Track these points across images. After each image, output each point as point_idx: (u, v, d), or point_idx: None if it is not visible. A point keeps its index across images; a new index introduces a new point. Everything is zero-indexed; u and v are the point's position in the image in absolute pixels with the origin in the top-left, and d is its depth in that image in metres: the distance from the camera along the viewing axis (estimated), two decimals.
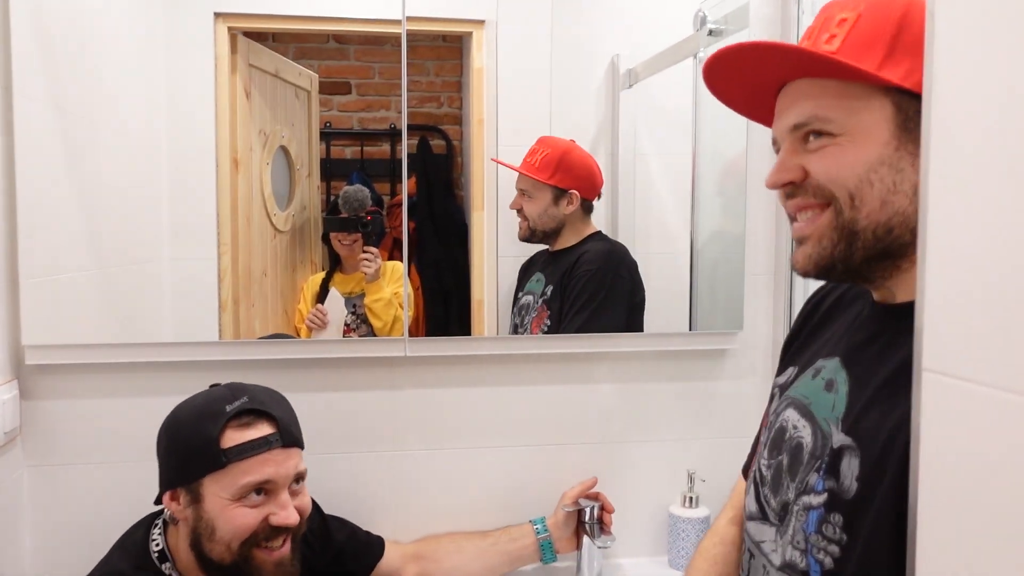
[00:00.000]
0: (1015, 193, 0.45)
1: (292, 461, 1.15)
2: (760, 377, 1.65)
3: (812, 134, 0.80)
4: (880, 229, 0.77)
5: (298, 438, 1.18)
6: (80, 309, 1.43)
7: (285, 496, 1.13)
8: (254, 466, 1.11)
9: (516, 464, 1.57)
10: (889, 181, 0.76)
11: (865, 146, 0.77)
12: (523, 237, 1.62)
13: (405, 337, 1.51)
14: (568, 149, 1.60)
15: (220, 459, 1.10)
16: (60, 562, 1.41)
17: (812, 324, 0.98)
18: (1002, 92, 0.46)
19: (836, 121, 0.78)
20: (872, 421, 0.76)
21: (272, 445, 1.12)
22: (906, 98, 0.76)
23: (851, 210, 0.78)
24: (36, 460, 1.42)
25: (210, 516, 1.11)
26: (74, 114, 1.40)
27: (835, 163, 0.78)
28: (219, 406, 1.13)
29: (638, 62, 1.61)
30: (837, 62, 0.76)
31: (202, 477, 1.11)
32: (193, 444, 1.12)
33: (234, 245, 1.52)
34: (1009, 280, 0.46)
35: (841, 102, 0.78)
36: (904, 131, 0.76)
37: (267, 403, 1.16)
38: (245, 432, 1.12)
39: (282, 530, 1.13)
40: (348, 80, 1.58)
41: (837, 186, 0.78)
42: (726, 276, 1.65)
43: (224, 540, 1.11)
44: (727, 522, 1.08)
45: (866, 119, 0.77)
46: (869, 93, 0.77)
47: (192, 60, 1.48)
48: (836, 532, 0.77)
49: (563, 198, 1.61)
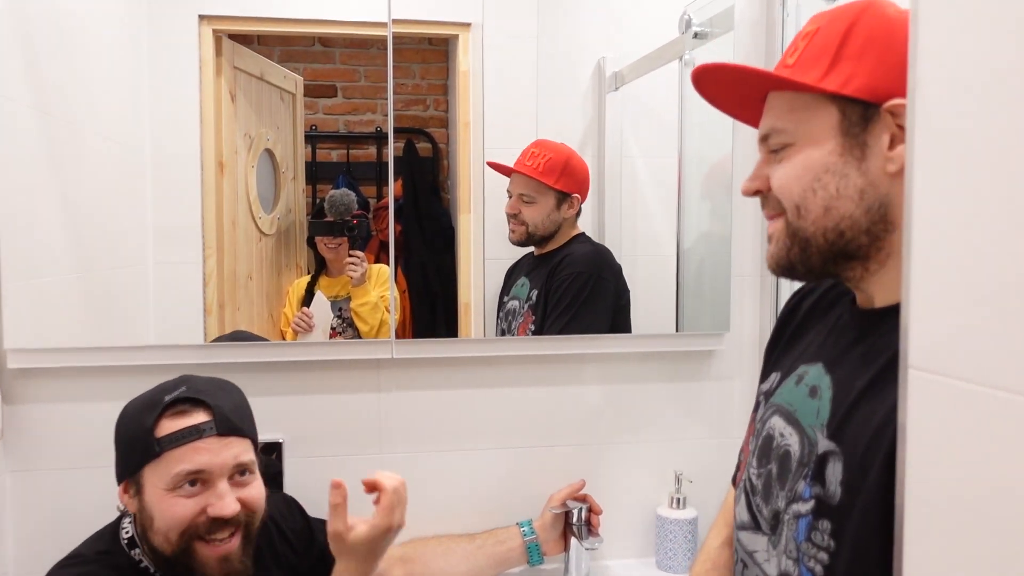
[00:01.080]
0: (999, 190, 0.46)
1: (230, 451, 1.12)
2: (747, 378, 1.66)
3: (775, 144, 0.85)
4: (830, 234, 0.81)
5: (239, 427, 1.15)
6: (63, 313, 1.41)
7: (223, 486, 1.11)
8: (186, 454, 1.09)
9: (503, 466, 1.57)
10: (832, 188, 0.80)
11: (812, 153, 0.81)
12: (517, 241, 1.62)
13: (392, 339, 1.51)
14: (571, 153, 1.60)
15: (154, 448, 1.09)
16: (42, 567, 1.40)
17: (793, 327, 0.98)
18: (986, 90, 0.47)
19: (788, 131, 0.83)
20: (855, 425, 0.77)
21: (205, 433, 1.10)
22: (851, 104, 0.80)
23: (798, 219, 0.83)
24: (18, 465, 1.40)
25: (148, 506, 1.10)
26: (56, 116, 1.39)
27: (786, 174, 0.83)
28: (159, 396, 1.12)
29: (624, 65, 1.61)
30: (782, 79, 0.82)
31: (142, 467, 1.10)
32: (133, 434, 1.12)
33: (219, 248, 1.51)
34: (995, 277, 0.46)
35: (793, 114, 0.83)
36: (848, 136, 0.80)
37: (205, 391, 1.14)
38: (178, 420, 1.10)
39: (224, 522, 1.10)
40: (334, 83, 1.58)
41: (785, 197, 0.84)
42: (712, 277, 1.65)
43: (162, 531, 1.09)
44: (720, 545, 1.08)
45: (814, 127, 0.81)
46: (816, 102, 0.81)
47: (177, 62, 1.47)
48: (825, 539, 0.77)
49: (565, 202, 1.61)
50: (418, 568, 1.44)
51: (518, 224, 1.61)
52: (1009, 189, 0.45)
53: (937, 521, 0.50)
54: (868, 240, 0.80)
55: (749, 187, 0.88)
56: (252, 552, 1.16)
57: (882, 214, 0.79)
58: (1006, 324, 0.45)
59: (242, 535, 1.13)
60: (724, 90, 0.91)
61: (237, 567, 1.13)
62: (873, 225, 0.79)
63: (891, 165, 0.77)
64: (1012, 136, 0.45)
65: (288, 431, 1.47)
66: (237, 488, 1.13)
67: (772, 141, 0.85)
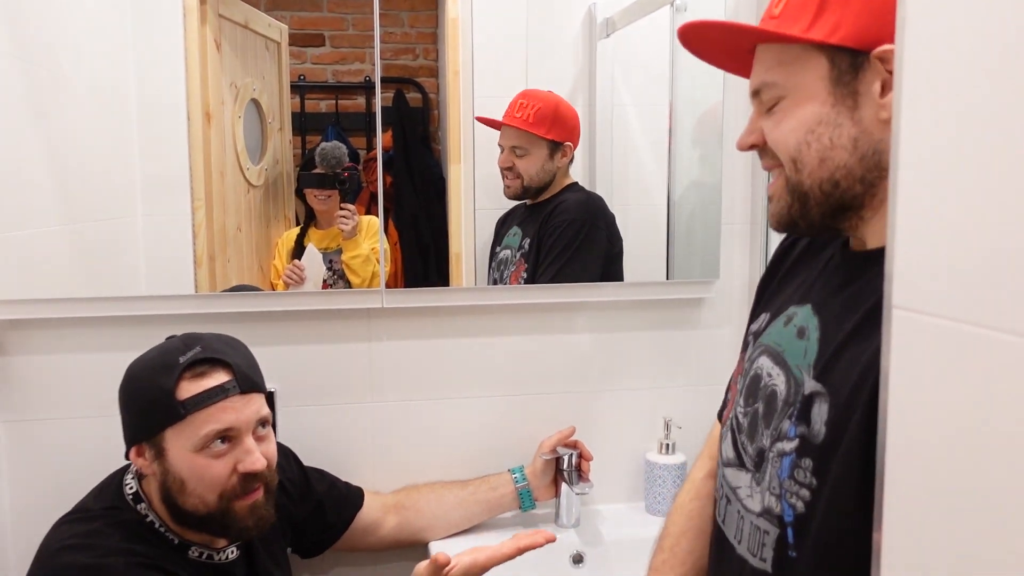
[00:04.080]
0: (982, 127, 0.46)
1: (253, 407, 1.14)
2: (736, 325, 1.67)
3: (768, 99, 0.84)
4: (825, 185, 0.81)
5: (257, 383, 1.17)
6: (52, 264, 1.41)
7: (250, 442, 1.13)
8: (214, 414, 1.10)
9: (494, 414, 1.59)
10: (826, 139, 0.80)
11: (805, 105, 0.80)
12: (513, 195, 1.61)
13: (382, 289, 1.51)
14: (559, 101, 1.58)
15: (178, 411, 1.09)
16: (38, 517, 1.41)
17: (784, 269, 0.98)
18: (974, 28, 0.46)
19: (779, 84, 0.82)
20: (842, 367, 0.78)
21: (229, 392, 1.11)
22: (839, 53, 0.79)
23: (795, 173, 0.82)
24: (10, 415, 1.41)
25: (177, 469, 1.11)
26: (39, 67, 1.37)
27: (779, 127, 0.83)
28: (172, 358, 1.12)
29: (615, 11, 1.59)
30: (768, 32, 0.81)
31: (163, 430, 1.11)
32: (149, 398, 1.12)
33: (208, 200, 1.50)
34: (977, 215, 0.46)
35: (783, 67, 0.82)
36: (839, 85, 0.79)
37: (221, 351, 1.14)
38: (201, 382, 1.11)
39: (254, 477, 1.13)
40: (321, 32, 1.56)
41: (780, 151, 0.83)
42: (703, 226, 1.65)
43: (197, 492, 1.11)
44: (704, 476, 1.08)
45: (805, 79, 0.80)
46: (805, 54, 0.80)
47: (160, 10, 1.45)
48: (807, 476, 0.78)
49: (558, 151, 1.59)
50: (411, 515, 1.47)
51: (513, 178, 1.59)
52: (992, 124, 0.45)
53: (918, 459, 0.51)
54: (863, 188, 0.80)
55: (744, 142, 0.88)
56: (274, 502, 1.18)
57: (876, 161, 0.79)
58: (988, 263, 0.45)
59: (264, 487, 1.16)
60: (711, 45, 0.91)
61: (263, 514, 1.15)
62: (867, 172, 0.79)
63: (883, 112, 0.77)
64: (999, 74, 0.45)
65: (280, 381, 1.48)
66: (259, 442, 1.15)
67: (764, 96, 0.84)
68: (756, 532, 0.86)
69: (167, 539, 1.15)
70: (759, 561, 0.85)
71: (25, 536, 1.34)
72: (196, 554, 1.16)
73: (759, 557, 0.85)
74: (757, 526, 0.86)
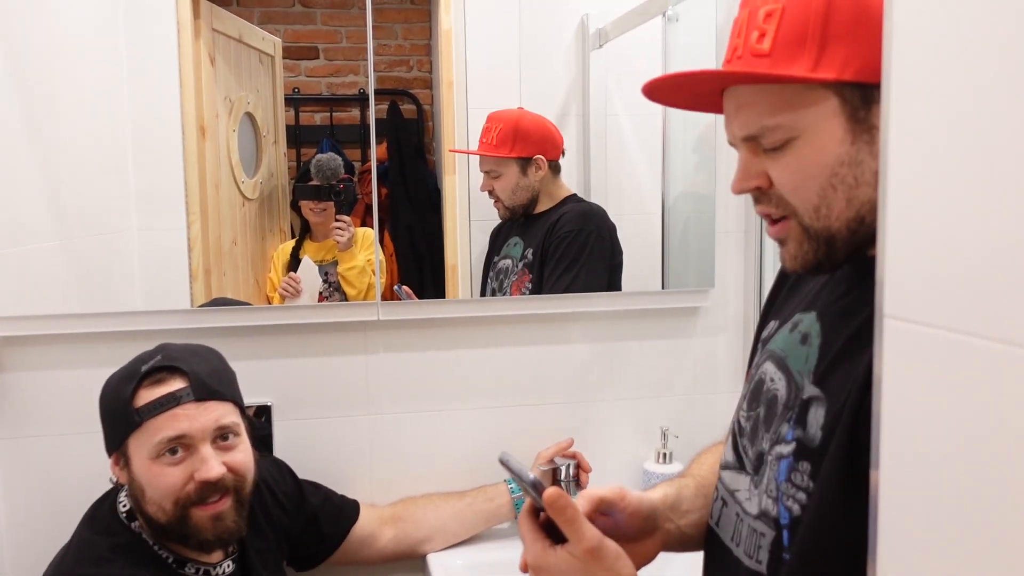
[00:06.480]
0: (971, 137, 0.46)
1: (211, 415, 1.13)
2: (732, 334, 1.67)
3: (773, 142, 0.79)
4: (852, 223, 0.77)
5: (217, 391, 1.15)
6: (47, 280, 1.41)
7: (206, 450, 1.11)
8: (165, 422, 1.10)
9: (491, 425, 1.58)
10: (851, 179, 0.76)
11: (823, 147, 0.76)
12: (504, 217, 1.62)
13: (378, 301, 1.51)
14: (518, 117, 1.58)
15: (134, 419, 1.10)
16: (33, 534, 1.41)
17: (794, 278, 0.98)
18: (961, 36, 0.47)
19: (785, 126, 0.77)
20: (840, 373, 0.78)
21: (182, 400, 1.11)
22: (848, 88, 0.74)
23: (818, 220, 0.77)
24: (5, 432, 1.40)
25: (138, 477, 1.11)
26: (33, 82, 1.37)
27: (797, 171, 0.77)
28: (136, 367, 1.13)
29: (607, 22, 1.60)
30: (771, 76, 0.75)
31: (126, 439, 1.11)
32: (114, 407, 1.13)
33: (203, 213, 1.50)
34: (968, 225, 0.46)
35: (788, 108, 0.77)
36: (855, 122, 0.75)
37: (181, 358, 1.14)
38: (155, 389, 1.11)
39: (212, 486, 1.11)
40: (315, 45, 1.56)
41: (800, 199, 0.78)
42: (697, 234, 1.66)
43: (155, 500, 1.11)
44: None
45: (817, 118, 0.76)
46: (811, 92, 0.75)
47: (154, 25, 1.45)
48: (803, 480, 0.79)
49: (530, 166, 1.60)
50: (408, 527, 1.46)
51: (496, 201, 1.61)
52: (981, 135, 0.45)
53: (911, 466, 0.51)
54: None
55: (745, 186, 0.82)
56: (246, 514, 1.17)
57: None
58: (979, 273, 0.46)
59: (233, 498, 1.14)
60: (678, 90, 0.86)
61: (230, 526, 1.14)
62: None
63: None
64: (987, 84, 0.45)
65: (276, 394, 1.48)
66: (222, 452, 1.14)
67: (767, 140, 0.78)
68: (753, 535, 0.86)
69: (162, 558, 1.14)
70: (755, 563, 0.85)
71: (21, 554, 1.33)
72: (192, 570, 1.16)
73: (755, 559, 0.85)
74: (754, 528, 0.86)
